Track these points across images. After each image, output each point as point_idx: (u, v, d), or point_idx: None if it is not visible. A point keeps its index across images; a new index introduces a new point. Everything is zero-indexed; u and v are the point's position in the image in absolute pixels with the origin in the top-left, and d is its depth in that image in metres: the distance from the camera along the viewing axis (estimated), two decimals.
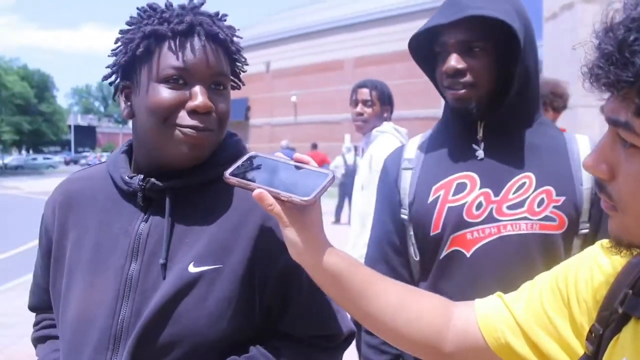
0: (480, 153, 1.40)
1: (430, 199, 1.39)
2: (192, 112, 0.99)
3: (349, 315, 1.06)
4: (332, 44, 27.33)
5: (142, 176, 1.05)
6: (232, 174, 0.92)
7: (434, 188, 1.40)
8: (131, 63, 1.03)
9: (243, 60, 1.11)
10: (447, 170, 1.42)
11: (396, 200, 1.48)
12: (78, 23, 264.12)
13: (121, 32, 1.06)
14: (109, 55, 1.07)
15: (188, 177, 1.05)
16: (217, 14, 1.06)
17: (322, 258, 0.89)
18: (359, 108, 3.04)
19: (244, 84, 1.14)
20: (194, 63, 0.99)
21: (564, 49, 6.02)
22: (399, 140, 2.95)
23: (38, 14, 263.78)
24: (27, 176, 38.67)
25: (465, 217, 1.35)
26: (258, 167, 0.94)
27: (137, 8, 1.06)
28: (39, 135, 55.01)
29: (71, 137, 75.28)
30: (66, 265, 1.09)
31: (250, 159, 0.97)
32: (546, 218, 1.32)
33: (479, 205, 1.34)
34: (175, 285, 0.99)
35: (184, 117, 0.99)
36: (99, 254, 1.05)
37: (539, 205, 1.33)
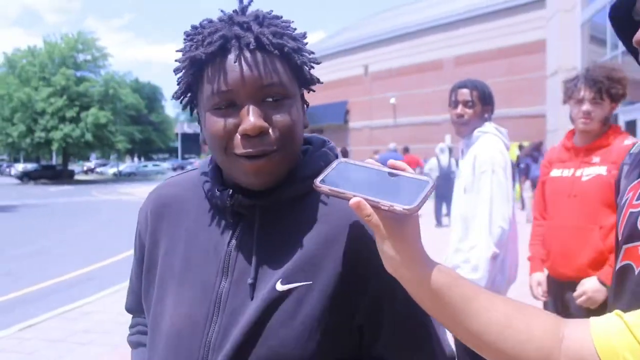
0: None
1: (624, 199, 1.18)
2: (245, 137, 0.91)
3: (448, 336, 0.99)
4: (430, 44, 26.91)
5: (230, 191, 0.99)
6: (323, 182, 0.86)
7: (629, 187, 1.18)
8: (191, 92, 0.99)
9: (308, 59, 0.99)
10: None
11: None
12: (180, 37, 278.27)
13: (176, 60, 0.99)
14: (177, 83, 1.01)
15: (274, 193, 0.98)
16: (258, 16, 0.95)
17: (421, 272, 0.82)
18: (460, 109, 2.91)
19: (317, 82, 1.04)
20: (234, 82, 0.90)
21: None
22: (502, 141, 2.82)
23: (148, 30, 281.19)
24: (139, 182, 41.32)
25: (639, 227, 1.10)
26: (350, 175, 0.88)
27: (185, 32, 0.99)
28: (149, 143, 58.95)
29: (178, 144, 79.35)
30: (158, 275, 1.06)
31: (340, 165, 0.90)
32: None
33: None
34: (263, 304, 0.93)
35: (238, 145, 0.91)
36: (189, 267, 1.02)
37: None
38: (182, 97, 1.00)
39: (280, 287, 0.94)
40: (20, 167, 44.14)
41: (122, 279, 7.87)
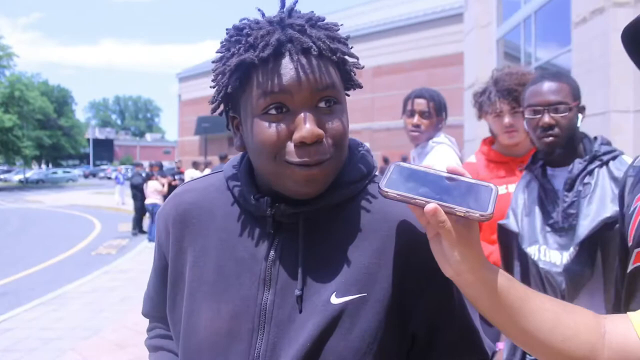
0: None
1: (632, 206, 1.23)
2: (300, 145, 0.87)
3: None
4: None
5: (269, 199, 0.95)
6: (388, 187, 0.83)
7: (636, 197, 1.24)
8: (230, 96, 0.95)
9: (352, 61, 0.97)
10: None
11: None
12: (97, 38, 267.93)
13: (213, 61, 0.96)
14: (211, 87, 0.98)
15: (319, 200, 0.94)
16: (311, 18, 0.93)
17: (484, 275, 0.85)
18: (416, 119, 2.91)
19: (360, 86, 1.01)
20: (290, 87, 0.86)
21: (594, 55, 5.98)
22: (454, 151, 2.89)
23: (59, 31, 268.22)
24: (48, 190, 39.12)
25: None
26: (411, 179, 0.85)
27: (227, 30, 0.95)
28: (59, 149, 56.18)
29: (90, 150, 76.13)
30: (186, 288, 1.01)
31: (399, 169, 0.87)
32: None
33: None
34: (322, 320, 0.90)
35: (292, 153, 0.88)
36: (223, 278, 0.97)
37: None
38: (219, 103, 0.96)
39: (335, 300, 0.91)
40: None
41: (38, 293, 7.55)
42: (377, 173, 1.05)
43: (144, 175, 13.98)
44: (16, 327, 5.98)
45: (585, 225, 1.78)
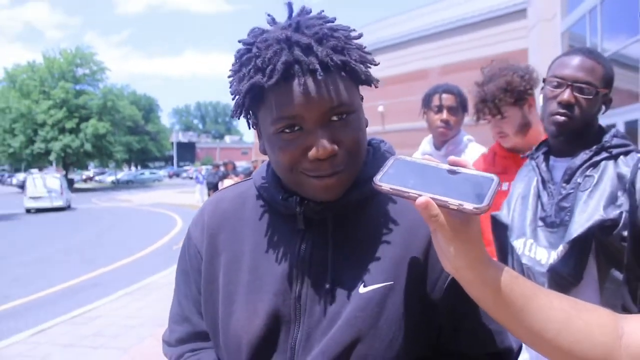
0: None
1: None
2: (314, 160, 0.88)
3: None
4: (416, 54, 27.00)
5: (298, 198, 0.95)
6: (382, 181, 0.80)
7: None
8: (248, 110, 0.95)
9: (368, 63, 0.93)
10: None
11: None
12: (180, 50, 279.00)
13: (229, 76, 0.95)
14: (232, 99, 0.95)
15: (341, 198, 0.94)
16: (317, 33, 0.88)
17: (484, 272, 0.78)
18: (445, 115, 2.70)
19: (377, 81, 0.96)
20: (301, 110, 0.85)
21: None
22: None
23: (145, 44, 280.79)
24: (136, 189, 41.11)
25: None
26: (409, 172, 0.81)
27: (239, 41, 0.93)
28: (146, 152, 58.88)
29: (174, 152, 79.12)
30: (221, 290, 1.00)
31: (397, 162, 0.83)
32: None
33: None
34: (349, 310, 0.91)
35: (307, 167, 0.89)
36: (257, 278, 0.98)
37: None
38: (239, 114, 0.95)
39: (363, 290, 0.92)
40: (21, 176, 43.70)
41: (124, 284, 7.89)
42: None
43: (220, 174, 14.36)
44: (104, 315, 6.27)
45: (580, 223, 1.52)
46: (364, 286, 0.92)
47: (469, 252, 0.77)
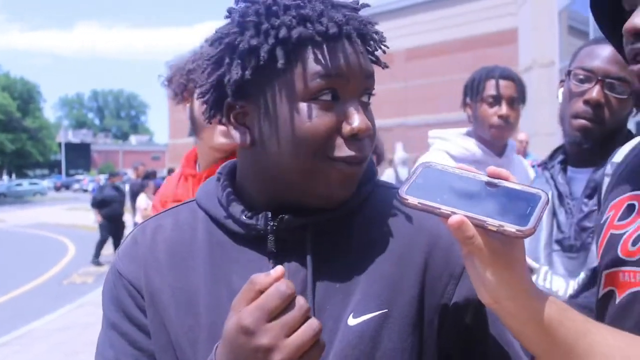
0: None
1: (604, 216, 1.22)
2: (351, 138, 0.94)
3: None
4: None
5: (269, 214, 0.98)
6: (410, 193, 0.82)
7: (610, 205, 1.22)
8: (240, 80, 0.96)
9: (382, 48, 1.04)
10: (632, 182, 1.19)
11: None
12: (72, 22, 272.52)
13: (218, 31, 0.98)
14: (206, 72, 1.00)
15: (329, 210, 0.99)
16: (349, 5, 1.00)
17: (529, 305, 0.82)
18: (505, 109, 2.53)
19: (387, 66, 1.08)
20: (349, 71, 0.94)
21: None
22: None
23: (25, 14, 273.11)
24: (10, 205, 39.87)
25: (619, 253, 1.14)
26: (440, 184, 0.84)
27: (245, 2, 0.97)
28: (24, 156, 56.82)
29: (61, 157, 77.13)
30: (179, 341, 1.00)
31: (427, 172, 0.86)
32: None
33: (637, 240, 1.10)
34: (336, 348, 0.93)
35: (340, 146, 0.94)
36: (219, 318, 0.96)
37: None
38: (239, 80, 0.96)
39: (352, 321, 0.94)
40: None
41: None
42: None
43: (134, 183, 13.80)
44: None
45: None
46: (354, 317, 0.94)
47: (512, 279, 0.81)
